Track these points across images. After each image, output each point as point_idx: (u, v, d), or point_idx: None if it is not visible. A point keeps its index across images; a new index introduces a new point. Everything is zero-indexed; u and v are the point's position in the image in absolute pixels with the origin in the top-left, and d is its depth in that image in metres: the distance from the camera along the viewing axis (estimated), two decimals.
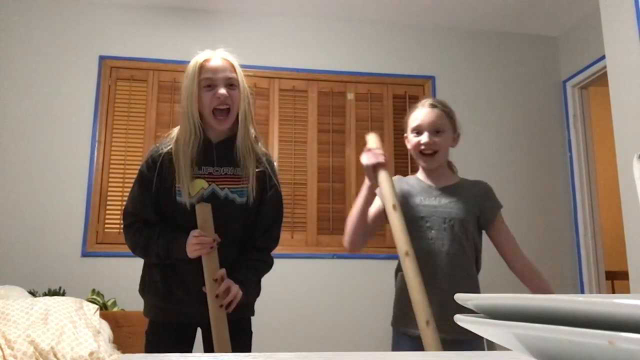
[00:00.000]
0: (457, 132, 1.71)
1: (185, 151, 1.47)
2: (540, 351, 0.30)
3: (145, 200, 1.52)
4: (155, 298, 1.56)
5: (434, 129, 1.64)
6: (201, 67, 1.51)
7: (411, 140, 1.68)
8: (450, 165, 1.76)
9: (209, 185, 1.50)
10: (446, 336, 1.42)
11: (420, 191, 1.68)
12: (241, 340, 1.57)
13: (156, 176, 1.51)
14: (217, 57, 1.54)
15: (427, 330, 1.36)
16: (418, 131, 1.66)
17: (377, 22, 3.71)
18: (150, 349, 1.57)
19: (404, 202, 1.65)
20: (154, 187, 1.51)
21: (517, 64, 3.82)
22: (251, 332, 1.64)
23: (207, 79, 1.49)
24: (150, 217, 1.53)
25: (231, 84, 1.51)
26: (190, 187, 1.49)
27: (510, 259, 1.67)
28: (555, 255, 3.54)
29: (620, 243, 2.40)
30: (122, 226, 1.58)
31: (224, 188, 1.51)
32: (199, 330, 1.62)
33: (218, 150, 1.54)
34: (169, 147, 1.53)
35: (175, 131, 1.56)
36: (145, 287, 1.60)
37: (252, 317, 1.66)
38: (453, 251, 1.59)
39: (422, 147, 1.64)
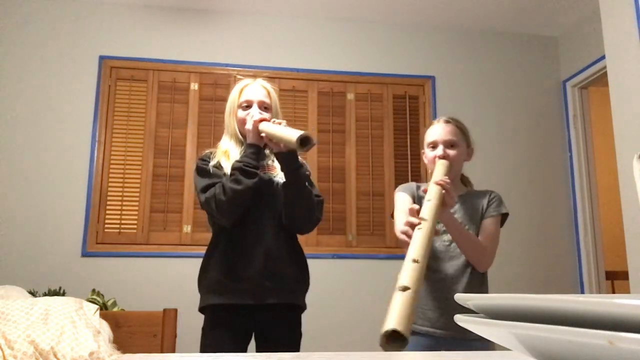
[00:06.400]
0: (470, 147, 1.80)
1: (228, 154, 1.73)
2: (540, 351, 0.30)
3: (212, 177, 1.69)
4: (217, 277, 1.65)
5: (449, 143, 1.72)
6: (241, 91, 1.78)
7: (428, 154, 1.76)
8: (463, 179, 1.84)
9: None
10: (462, 335, 1.50)
11: None
12: (292, 343, 1.70)
13: (211, 166, 1.71)
14: (256, 84, 1.80)
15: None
16: (433, 146, 1.74)
17: (377, 22, 3.71)
18: (207, 343, 1.64)
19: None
20: (212, 170, 1.71)
21: (517, 64, 3.82)
22: (301, 334, 1.75)
23: (244, 101, 1.76)
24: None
25: (265, 107, 1.75)
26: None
27: None
28: (555, 255, 3.54)
29: (620, 243, 2.40)
30: (209, 206, 1.64)
31: (265, 172, 1.74)
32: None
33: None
34: (214, 152, 1.77)
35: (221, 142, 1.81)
36: (208, 269, 1.69)
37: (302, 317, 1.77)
38: None
39: (438, 159, 1.71)
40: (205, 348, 1.65)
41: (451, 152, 1.70)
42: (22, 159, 3.21)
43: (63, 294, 2.80)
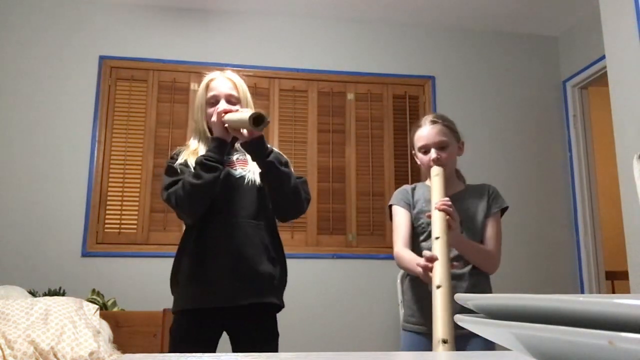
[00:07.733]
0: (460, 141, 1.81)
1: (197, 153, 1.67)
2: (540, 351, 0.30)
3: (177, 175, 1.65)
4: (186, 279, 1.62)
5: (439, 145, 1.73)
6: (207, 86, 1.73)
7: (421, 158, 1.77)
8: (457, 174, 1.85)
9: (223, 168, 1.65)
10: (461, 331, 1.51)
11: (430, 200, 1.73)
12: (266, 344, 1.63)
13: (177, 164, 1.67)
14: (222, 77, 1.74)
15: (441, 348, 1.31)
16: (425, 150, 1.74)
17: (377, 22, 3.71)
18: (175, 345, 1.61)
19: (417, 210, 1.77)
20: (179, 168, 1.67)
21: (517, 64, 3.82)
22: (277, 334, 1.68)
23: (212, 97, 1.71)
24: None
25: (232, 101, 1.70)
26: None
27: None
28: (555, 255, 3.54)
29: (620, 243, 2.40)
30: (170, 202, 1.62)
31: (237, 169, 1.69)
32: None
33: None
34: (184, 151, 1.73)
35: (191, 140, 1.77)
36: (178, 274, 1.66)
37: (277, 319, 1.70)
38: None
39: (432, 164, 1.73)
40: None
41: (444, 154, 1.72)
42: (22, 159, 3.21)
43: (63, 294, 2.80)
